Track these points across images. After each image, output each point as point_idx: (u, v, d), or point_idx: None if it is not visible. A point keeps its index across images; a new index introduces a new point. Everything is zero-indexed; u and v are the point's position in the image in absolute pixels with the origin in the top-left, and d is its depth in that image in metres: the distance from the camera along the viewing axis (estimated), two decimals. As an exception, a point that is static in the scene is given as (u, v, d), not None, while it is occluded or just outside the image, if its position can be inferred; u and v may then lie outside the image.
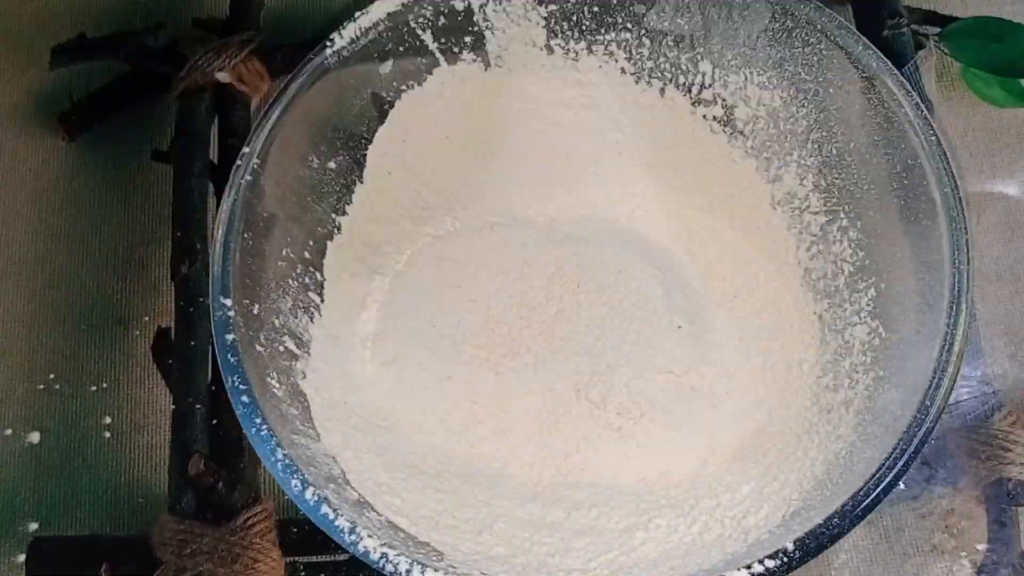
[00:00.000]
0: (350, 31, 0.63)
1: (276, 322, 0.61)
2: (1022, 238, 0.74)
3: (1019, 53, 0.75)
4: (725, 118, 0.68)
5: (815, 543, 0.52)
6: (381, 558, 0.52)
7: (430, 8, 0.64)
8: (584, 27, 0.66)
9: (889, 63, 0.60)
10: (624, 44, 0.67)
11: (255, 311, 0.59)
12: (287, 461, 0.54)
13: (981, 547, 0.65)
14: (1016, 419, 0.66)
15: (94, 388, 0.73)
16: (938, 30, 0.77)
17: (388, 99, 0.66)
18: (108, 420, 0.73)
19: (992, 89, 0.76)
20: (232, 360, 0.56)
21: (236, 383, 0.55)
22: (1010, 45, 0.76)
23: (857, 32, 0.61)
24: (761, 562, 0.51)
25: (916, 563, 0.66)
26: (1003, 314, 0.72)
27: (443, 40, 0.66)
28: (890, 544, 0.66)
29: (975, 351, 0.69)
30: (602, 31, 0.66)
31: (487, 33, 0.66)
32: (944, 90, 0.78)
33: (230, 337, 0.56)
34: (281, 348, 0.61)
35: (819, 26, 0.62)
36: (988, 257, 0.73)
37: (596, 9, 0.66)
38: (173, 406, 0.69)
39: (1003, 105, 0.76)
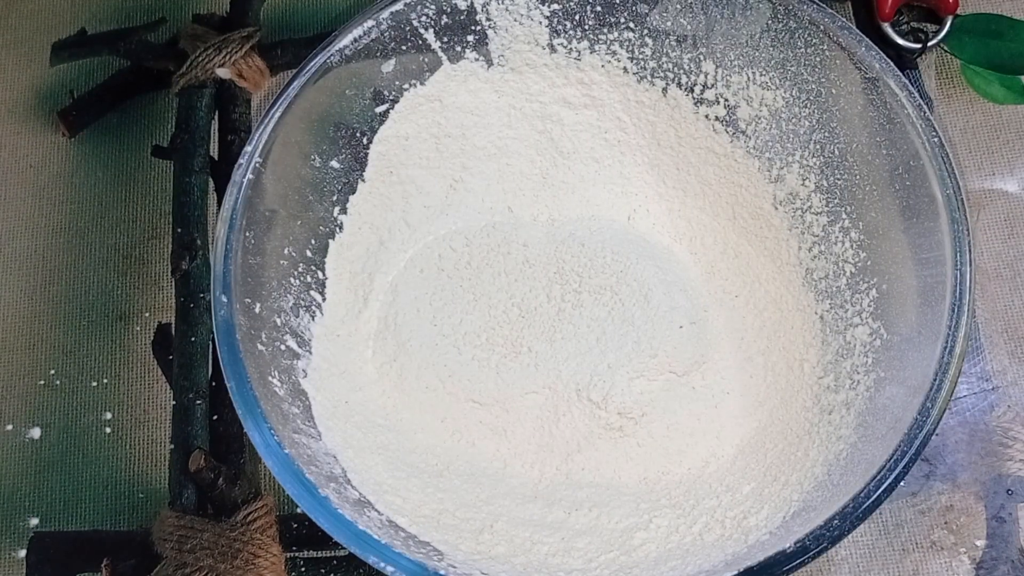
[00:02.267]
0: (352, 29, 0.63)
1: (277, 321, 0.61)
2: (1022, 235, 0.74)
3: (1018, 50, 0.75)
4: (727, 118, 0.68)
5: (816, 544, 0.52)
6: (382, 557, 0.53)
7: (433, 7, 0.64)
8: (587, 26, 0.66)
9: (892, 64, 0.60)
10: (627, 43, 0.67)
11: (256, 310, 0.59)
12: (288, 460, 0.54)
13: (980, 543, 0.65)
14: (1015, 415, 0.67)
15: (95, 384, 0.73)
16: (937, 27, 0.77)
17: (390, 97, 0.66)
18: (108, 416, 0.73)
19: (992, 86, 0.76)
20: (233, 359, 0.56)
21: (237, 382, 0.55)
22: (1009, 42, 0.76)
23: (859, 32, 0.61)
24: (762, 563, 0.52)
25: (915, 559, 0.66)
26: (1002, 311, 0.72)
27: (446, 39, 0.66)
28: (889, 540, 0.67)
29: (975, 348, 0.70)
30: (605, 30, 0.66)
31: (490, 32, 0.66)
32: (944, 87, 0.78)
33: (231, 336, 0.56)
34: (282, 347, 0.61)
35: (821, 27, 0.61)
36: (988, 254, 0.73)
37: (599, 8, 0.65)
38: (173, 402, 0.69)
39: (1003, 102, 0.76)
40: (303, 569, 0.65)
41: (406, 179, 0.68)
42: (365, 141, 0.66)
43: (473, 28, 0.66)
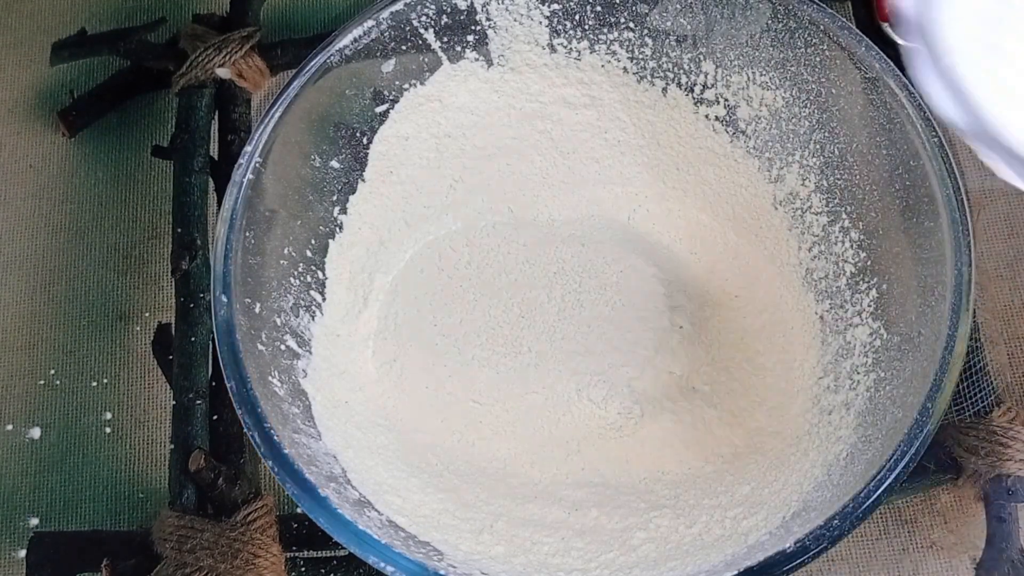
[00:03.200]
0: (352, 29, 0.63)
1: (277, 321, 0.61)
2: (1022, 235, 0.74)
3: (1019, 50, 0.75)
4: (727, 118, 0.68)
5: (816, 544, 0.52)
6: (381, 557, 0.53)
7: (433, 6, 0.64)
8: (587, 26, 0.66)
9: (892, 64, 0.60)
10: (626, 43, 0.67)
11: (256, 310, 0.59)
12: (288, 460, 0.54)
13: (980, 543, 0.65)
14: (1015, 415, 0.66)
15: (95, 384, 0.74)
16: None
17: (390, 97, 0.66)
18: (108, 416, 0.73)
19: (992, 86, 0.76)
20: (233, 359, 0.56)
21: (237, 382, 0.55)
22: (1010, 42, 0.75)
23: (859, 32, 0.61)
24: (762, 563, 0.52)
25: (915, 559, 0.66)
26: (1002, 310, 0.72)
27: (446, 38, 0.66)
28: (889, 540, 0.67)
29: (975, 348, 0.70)
30: (605, 30, 0.66)
31: (490, 32, 0.66)
32: (944, 87, 0.77)
33: (231, 336, 0.56)
34: (282, 347, 0.61)
35: (821, 27, 0.61)
36: (987, 253, 0.73)
37: (599, 8, 0.65)
38: (173, 402, 0.69)
39: (1003, 102, 0.76)
40: (303, 569, 0.65)
41: (406, 179, 0.68)
42: (365, 141, 0.67)
43: (473, 28, 0.66)
